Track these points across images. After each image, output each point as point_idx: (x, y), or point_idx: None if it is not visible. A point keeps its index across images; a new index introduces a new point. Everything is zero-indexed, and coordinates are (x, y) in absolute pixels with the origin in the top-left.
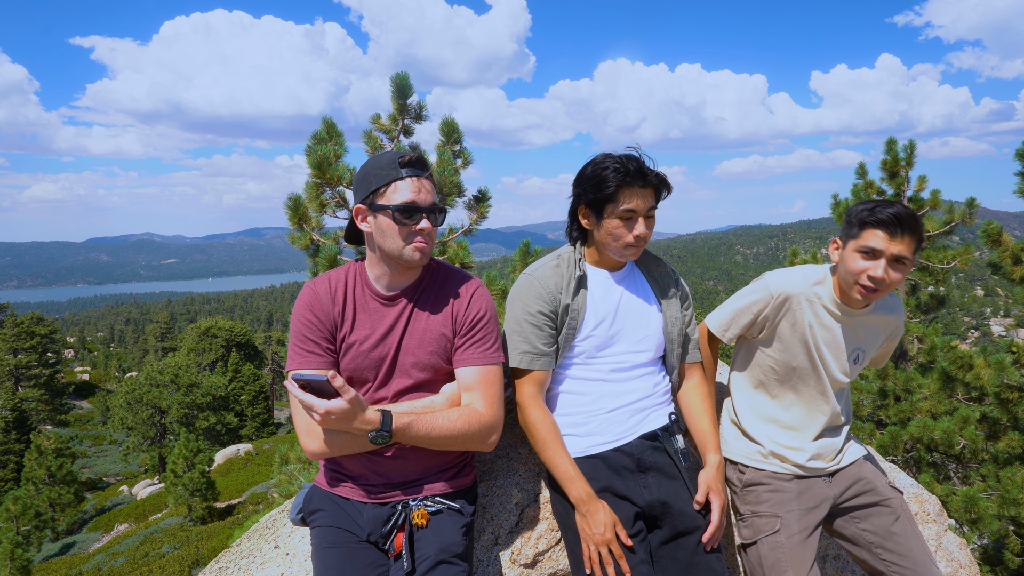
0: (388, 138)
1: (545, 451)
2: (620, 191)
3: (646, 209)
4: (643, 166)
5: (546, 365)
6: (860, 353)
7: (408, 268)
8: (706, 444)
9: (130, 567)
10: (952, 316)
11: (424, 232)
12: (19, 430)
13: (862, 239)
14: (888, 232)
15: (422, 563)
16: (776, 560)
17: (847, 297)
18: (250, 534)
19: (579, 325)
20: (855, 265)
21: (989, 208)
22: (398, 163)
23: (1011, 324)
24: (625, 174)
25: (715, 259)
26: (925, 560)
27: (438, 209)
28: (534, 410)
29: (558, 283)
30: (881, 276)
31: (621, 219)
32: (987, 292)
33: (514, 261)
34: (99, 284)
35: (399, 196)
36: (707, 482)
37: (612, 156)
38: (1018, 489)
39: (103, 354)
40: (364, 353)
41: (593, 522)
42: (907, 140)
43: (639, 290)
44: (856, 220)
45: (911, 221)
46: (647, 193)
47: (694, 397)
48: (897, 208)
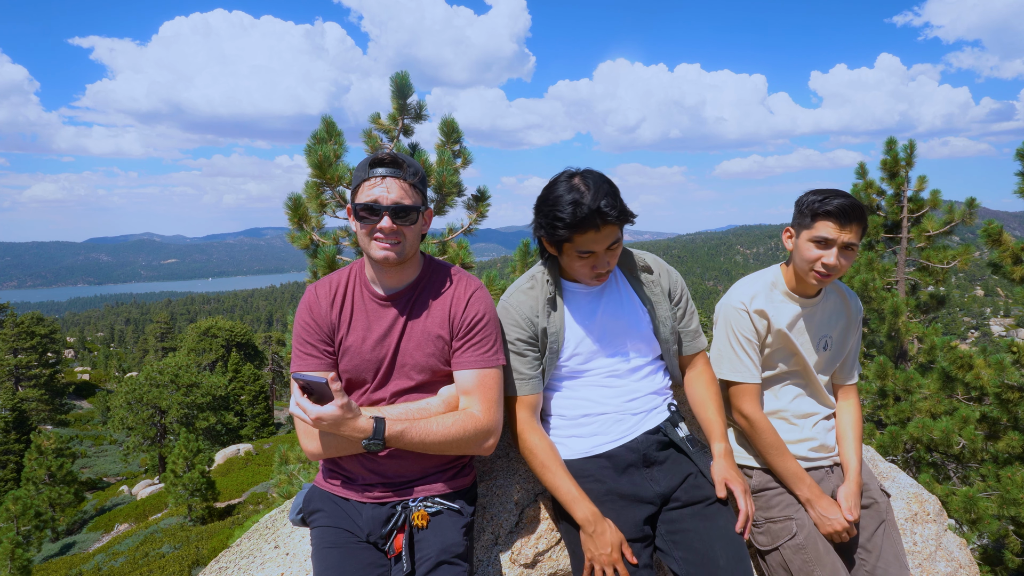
0: (388, 138)
1: (545, 475)
2: (574, 235)
3: (605, 247)
4: (599, 209)
5: (535, 388)
6: (827, 340)
7: (390, 268)
8: (712, 432)
9: (130, 567)
10: (952, 316)
11: (384, 231)
12: (19, 430)
13: (815, 229)
14: (838, 222)
15: (423, 564)
16: (803, 563)
17: (802, 285)
18: (250, 534)
19: (560, 347)
20: (810, 254)
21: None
22: (369, 164)
23: (1011, 324)
24: (576, 224)
25: (715, 259)
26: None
27: (408, 208)
28: (531, 435)
29: (533, 307)
30: (834, 263)
31: (579, 258)
32: (987, 292)
33: (514, 261)
34: (99, 284)
35: (363, 196)
36: (721, 473)
37: (564, 197)
38: (1018, 489)
39: (103, 354)
40: (362, 354)
41: (600, 543)
42: (907, 140)
43: (622, 297)
44: (808, 211)
45: (857, 210)
46: (606, 231)
47: (698, 385)
48: (845, 199)
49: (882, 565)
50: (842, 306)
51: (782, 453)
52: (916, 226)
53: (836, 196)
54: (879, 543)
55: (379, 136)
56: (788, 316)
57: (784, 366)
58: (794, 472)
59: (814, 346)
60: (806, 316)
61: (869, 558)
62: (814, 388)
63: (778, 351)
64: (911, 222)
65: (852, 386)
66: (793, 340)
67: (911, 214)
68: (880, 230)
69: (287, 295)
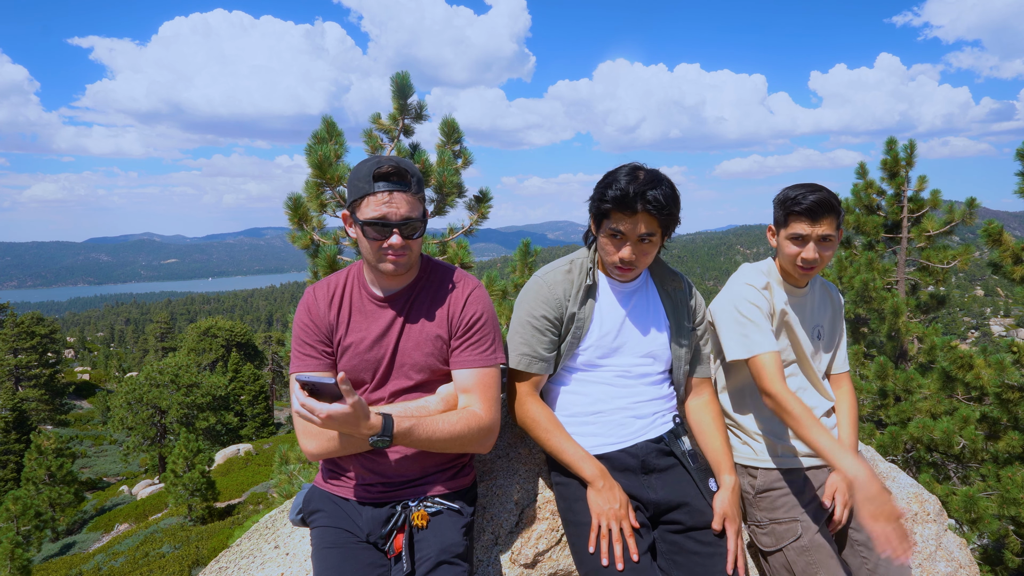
0: (388, 137)
1: (550, 439)
2: (613, 211)
3: (636, 235)
4: (642, 194)
5: (543, 370)
6: (820, 329)
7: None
8: (720, 464)
9: (130, 567)
10: (952, 316)
11: (395, 247)
12: (19, 430)
13: (790, 228)
14: (809, 219)
15: (423, 564)
16: (806, 564)
17: (791, 277)
18: (250, 534)
19: (583, 334)
20: (789, 250)
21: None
22: (372, 176)
23: (1011, 324)
24: (621, 197)
25: (715, 259)
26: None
27: (416, 223)
28: (532, 403)
29: (567, 290)
30: (813, 256)
31: (609, 237)
32: (987, 292)
33: (514, 261)
34: (99, 284)
35: (370, 211)
36: (723, 508)
37: (625, 175)
38: (1018, 489)
39: (103, 354)
40: (360, 354)
41: (609, 496)
42: (907, 140)
43: (649, 304)
44: (782, 210)
45: (826, 204)
46: (642, 219)
47: (705, 415)
48: (814, 195)
49: (883, 564)
50: (827, 297)
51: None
52: (916, 226)
53: (807, 193)
54: None
55: (379, 136)
56: (784, 304)
57: (784, 355)
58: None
59: (808, 335)
60: (799, 305)
61: (871, 556)
62: (813, 380)
63: (780, 338)
64: (911, 222)
65: (846, 374)
66: (793, 326)
67: (911, 214)
68: (880, 230)
69: (287, 295)
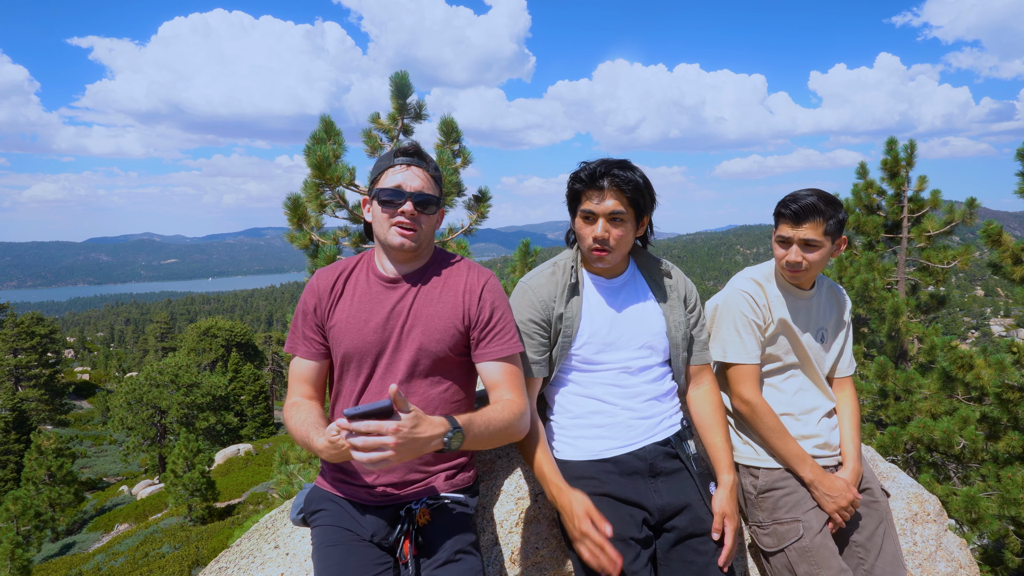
0: (388, 137)
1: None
2: (583, 192)
3: (606, 212)
4: (608, 171)
5: (537, 373)
6: (823, 331)
7: (402, 256)
8: (719, 461)
9: (130, 567)
10: (952, 316)
11: (406, 215)
12: (19, 430)
13: (778, 231)
14: (791, 223)
15: (435, 560)
16: (808, 565)
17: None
18: (250, 534)
19: (574, 333)
20: (777, 252)
21: (989, 208)
22: (394, 153)
23: (1011, 324)
24: (588, 177)
25: (715, 259)
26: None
27: (430, 199)
28: None
29: (551, 291)
30: (795, 259)
31: (583, 219)
32: (987, 292)
33: (514, 261)
34: (99, 284)
35: (388, 181)
36: (721, 507)
37: (595, 160)
38: (1018, 489)
39: (103, 354)
40: (364, 336)
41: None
42: (907, 140)
43: (639, 295)
44: (774, 215)
45: (811, 209)
46: (611, 195)
47: (706, 406)
48: (800, 202)
49: (880, 564)
50: (834, 300)
51: (783, 435)
52: (916, 226)
53: (794, 200)
54: (879, 542)
55: (379, 136)
56: (785, 306)
57: (785, 358)
58: (796, 453)
59: (812, 336)
60: (803, 308)
61: (868, 557)
62: (815, 380)
63: (779, 340)
64: (911, 222)
65: (849, 378)
66: (793, 328)
67: (911, 214)
68: (880, 230)
69: (287, 295)
